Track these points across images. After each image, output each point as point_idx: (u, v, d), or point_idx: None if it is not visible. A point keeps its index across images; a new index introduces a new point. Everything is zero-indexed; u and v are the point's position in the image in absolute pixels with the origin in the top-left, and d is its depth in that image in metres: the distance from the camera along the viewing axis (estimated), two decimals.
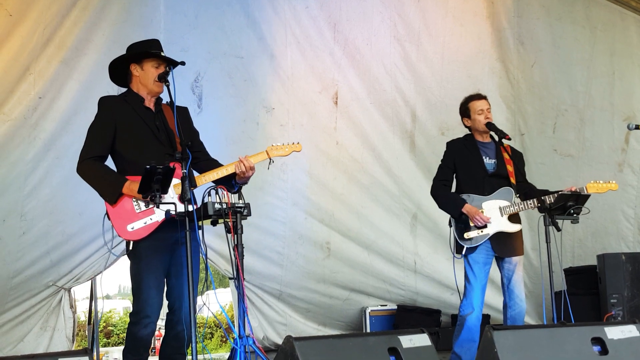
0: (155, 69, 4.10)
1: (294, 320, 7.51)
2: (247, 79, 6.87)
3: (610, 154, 7.21)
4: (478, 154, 5.02)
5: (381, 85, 7.26)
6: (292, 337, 3.22)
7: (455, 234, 4.89)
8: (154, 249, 3.90)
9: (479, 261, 4.86)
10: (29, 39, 5.91)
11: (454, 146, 5.16)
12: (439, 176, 5.13)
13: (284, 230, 7.26)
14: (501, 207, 4.89)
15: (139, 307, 3.88)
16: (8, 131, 5.99)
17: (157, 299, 3.91)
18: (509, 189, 4.97)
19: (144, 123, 4.05)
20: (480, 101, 5.04)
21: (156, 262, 3.92)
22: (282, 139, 7.06)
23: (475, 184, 4.96)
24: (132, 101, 4.10)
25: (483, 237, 4.84)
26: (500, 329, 3.50)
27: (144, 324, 3.87)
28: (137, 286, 3.89)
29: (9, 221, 6.18)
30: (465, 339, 4.79)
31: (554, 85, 7.24)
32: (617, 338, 3.63)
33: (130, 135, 4.01)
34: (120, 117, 4.02)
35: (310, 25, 6.96)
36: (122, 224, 3.86)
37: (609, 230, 7.28)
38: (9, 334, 6.49)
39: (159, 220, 3.89)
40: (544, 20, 7.18)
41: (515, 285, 4.91)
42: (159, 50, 4.15)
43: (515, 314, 4.87)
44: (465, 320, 4.79)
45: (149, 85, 4.10)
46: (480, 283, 4.85)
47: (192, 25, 6.55)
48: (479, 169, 4.99)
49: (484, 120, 4.99)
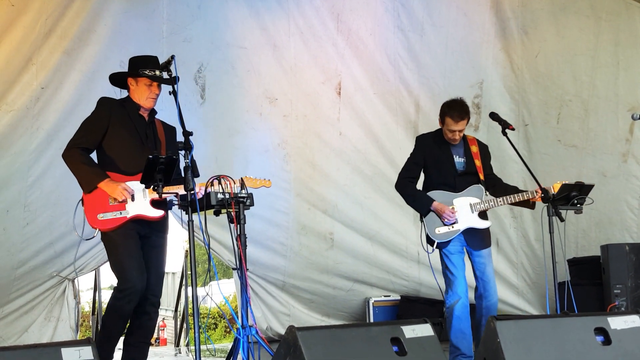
0: (147, 86, 4.34)
1: (298, 311, 7.53)
2: (250, 70, 6.86)
3: (614, 144, 7.18)
4: (449, 151, 5.02)
5: (384, 76, 7.23)
6: (294, 327, 3.23)
7: (427, 229, 4.92)
8: (127, 235, 4.14)
9: (454, 252, 4.91)
10: (31, 29, 5.89)
11: (424, 142, 5.13)
12: (405, 173, 5.11)
13: (287, 221, 7.26)
14: (472, 204, 4.93)
15: (126, 284, 4.09)
16: (11, 122, 5.98)
17: (142, 279, 4.14)
18: (479, 187, 5.00)
19: (135, 128, 4.32)
20: (457, 123, 4.90)
21: (134, 244, 4.16)
22: (285, 129, 7.10)
23: (446, 182, 4.98)
24: (129, 107, 4.37)
25: (454, 233, 4.89)
26: (503, 319, 3.50)
27: (129, 299, 4.08)
28: (121, 267, 4.12)
29: (13, 212, 6.19)
30: (457, 329, 4.82)
31: (558, 76, 7.20)
32: (620, 328, 3.63)
33: (120, 136, 4.27)
34: (115, 118, 4.29)
35: (313, 16, 6.94)
36: (93, 212, 4.13)
37: (613, 221, 7.26)
38: (13, 325, 6.52)
39: (127, 217, 4.13)
40: (548, 10, 7.14)
41: (489, 276, 4.94)
42: (156, 68, 4.34)
43: (490, 304, 4.90)
44: (453, 310, 4.83)
45: (141, 100, 4.35)
46: (462, 271, 4.90)
47: (195, 15, 6.53)
48: (450, 167, 5.00)
49: (451, 138, 4.96)
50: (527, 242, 7.59)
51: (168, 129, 4.54)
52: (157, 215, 4.18)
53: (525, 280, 7.66)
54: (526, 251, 7.61)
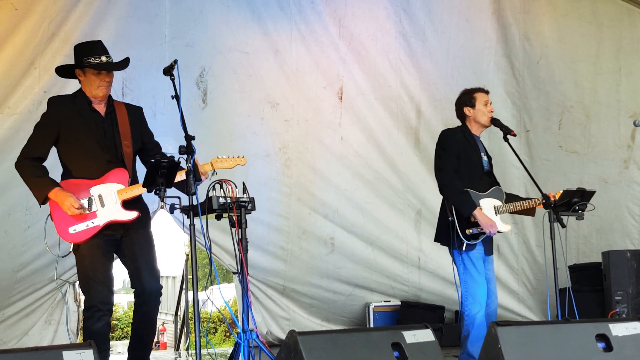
0: (96, 75, 4.11)
1: (298, 316, 7.52)
2: (252, 74, 6.87)
3: (615, 150, 7.18)
4: (477, 149, 4.92)
5: (386, 81, 7.24)
6: (295, 332, 3.23)
7: (458, 228, 4.70)
8: (97, 246, 3.97)
9: (479, 257, 4.76)
10: (34, 33, 5.92)
11: (455, 135, 4.94)
12: (448, 165, 4.79)
13: (288, 226, 7.25)
14: (496, 207, 4.83)
15: (90, 302, 3.95)
16: (13, 125, 5.99)
17: (106, 293, 3.98)
18: (500, 189, 4.91)
19: (87, 128, 4.08)
20: (486, 94, 4.97)
21: (102, 258, 3.99)
22: (286, 134, 7.11)
23: (472, 180, 4.81)
24: (79, 103, 4.13)
25: (483, 235, 4.72)
26: (504, 325, 3.50)
27: (97, 317, 3.93)
28: (86, 282, 3.98)
29: (14, 215, 6.19)
30: (477, 337, 4.60)
31: (560, 82, 7.21)
32: (621, 335, 3.63)
33: (74, 139, 4.07)
34: (66, 120, 4.08)
35: (315, 21, 6.95)
36: (64, 225, 3.96)
37: (614, 227, 7.26)
38: (13, 327, 6.51)
39: (100, 225, 3.96)
40: (550, 16, 7.15)
41: (494, 284, 4.87)
42: (102, 54, 4.13)
43: (492, 310, 4.80)
44: (475, 319, 4.66)
45: (91, 91, 4.12)
46: (484, 278, 4.77)
47: (197, 20, 6.55)
48: (478, 165, 4.88)
49: (488, 113, 4.92)
50: (527, 248, 7.58)
51: (132, 110, 4.29)
52: (130, 218, 4.02)
53: (525, 286, 7.64)
54: (527, 257, 7.60)
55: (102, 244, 3.98)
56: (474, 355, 4.69)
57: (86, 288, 3.97)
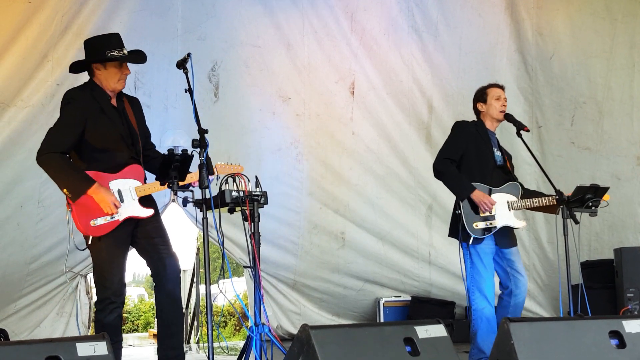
0: (118, 69, 4.03)
1: (308, 310, 7.53)
2: (263, 68, 6.87)
3: (628, 147, 7.13)
4: (490, 143, 4.91)
5: (398, 76, 7.22)
6: (308, 326, 3.23)
7: (465, 222, 4.70)
8: (115, 239, 3.94)
9: (488, 252, 4.74)
10: (47, 26, 5.94)
11: (467, 128, 4.94)
12: (446, 153, 4.82)
13: (299, 220, 7.27)
14: (509, 202, 4.79)
15: (104, 294, 3.94)
16: (26, 118, 6.03)
17: (120, 286, 3.98)
18: (515, 184, 4.88)
19: (112, 125, 4.03)
20: (500, 89, 4.98)
21: (118, 251, 3.98)
22: (298, 128, 7.11)
23: (483, 174, 4.80)
24: (99, 98, 4.03)
25: (490, 230, 4.71)
26: (517, 321, 3.48)
27: (109, 310, 3.93)
28: (101, 275, 3.96)
29: (27, 207, 6.23)
30: (487, 332, 4.64)
31: (573, 77, 7.16)
32: (635, 332, 3.61)
33: (98, 133, 3.98)
34: (91, 116, 3.97)
35: (327, 15, 6.93)
36: (85, 218, 3.89)
37: (626, 224, 7.21)
38: (25, 319, 6.57)
39: (120, 220, 3.94)
40: (564, 11, 7.10)
41: (522, 272, 4.81)
42: (120, 46, 4.03)
43: (520, 301, 4.77)
44: (483, 313, 4.67)
45: (111, 84, 4.04)
46: (492, 273, 4.76)
47: (209, 14, 6.55)
48: (489, 159, 4.86)
49: (500, 107, 4.91)
50: (539, 244, 7.55)
51: (133, 102, 4.24)
52: (147, 215, 4.03)
53: (537, 282, 7.62)
54: (538, 253, 7.57)
55: (119, 237, 3.97)
56: (485, 350, 4.69)
57: (101, 280, 3.96)
